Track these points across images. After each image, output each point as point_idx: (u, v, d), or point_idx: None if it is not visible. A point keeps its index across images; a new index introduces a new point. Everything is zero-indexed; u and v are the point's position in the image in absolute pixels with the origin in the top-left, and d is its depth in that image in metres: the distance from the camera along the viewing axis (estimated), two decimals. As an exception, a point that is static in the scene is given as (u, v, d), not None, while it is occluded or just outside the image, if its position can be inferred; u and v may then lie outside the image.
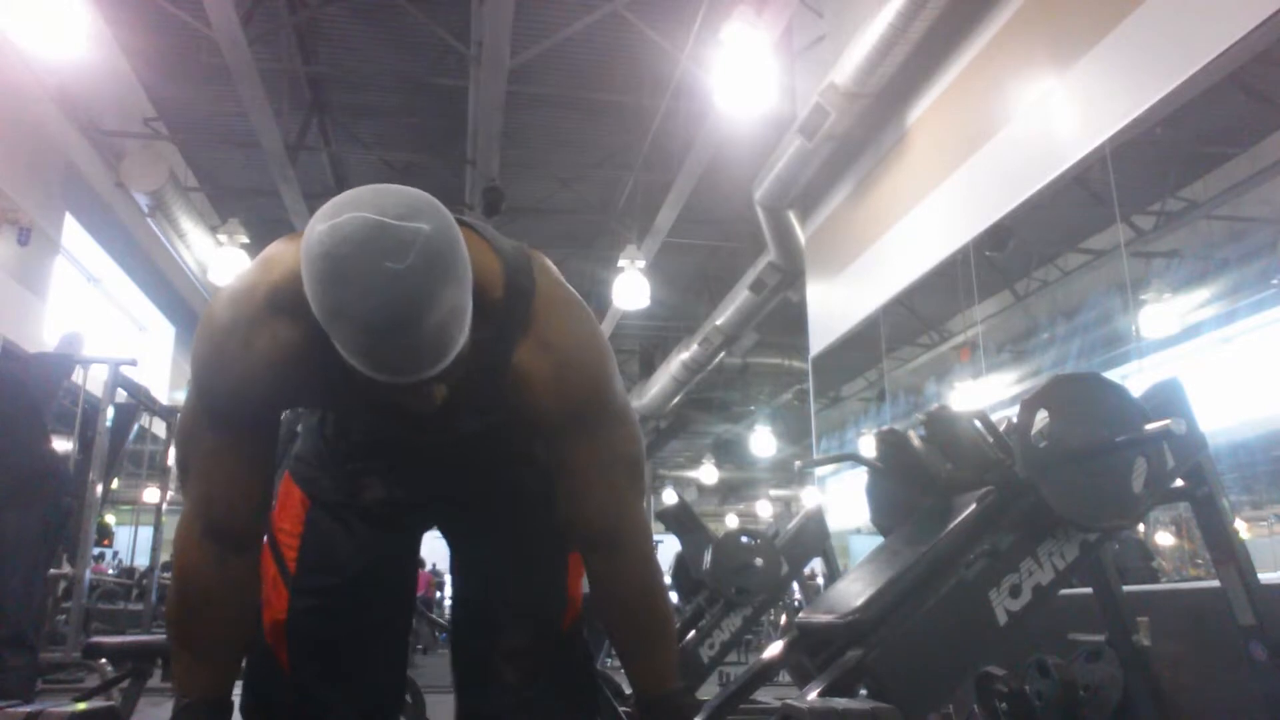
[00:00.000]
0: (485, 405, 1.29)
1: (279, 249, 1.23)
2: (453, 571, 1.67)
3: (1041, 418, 1.69)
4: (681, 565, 4.28)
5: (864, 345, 6.73)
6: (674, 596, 4.36)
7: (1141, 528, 6.99)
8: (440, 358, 1.04)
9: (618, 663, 1.53)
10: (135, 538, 7.59)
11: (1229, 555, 1.90)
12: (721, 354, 10.14)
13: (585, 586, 1.48)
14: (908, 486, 2.06)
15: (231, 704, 1.29)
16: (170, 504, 7.90)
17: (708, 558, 3.88)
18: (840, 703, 1.40)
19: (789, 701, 1.43)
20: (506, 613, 1.55)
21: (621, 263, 8.17)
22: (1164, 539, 9.06)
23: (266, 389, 1.20)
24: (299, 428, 1.60)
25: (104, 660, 4.48)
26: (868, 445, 3.42)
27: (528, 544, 1.53)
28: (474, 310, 1.11)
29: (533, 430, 1.32)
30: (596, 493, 1.30)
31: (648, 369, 12.65)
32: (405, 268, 0.97)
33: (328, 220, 0.99)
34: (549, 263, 1.33)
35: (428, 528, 1.62)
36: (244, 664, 1.44)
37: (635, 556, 1.34)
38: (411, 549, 1.62)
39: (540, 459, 1.39)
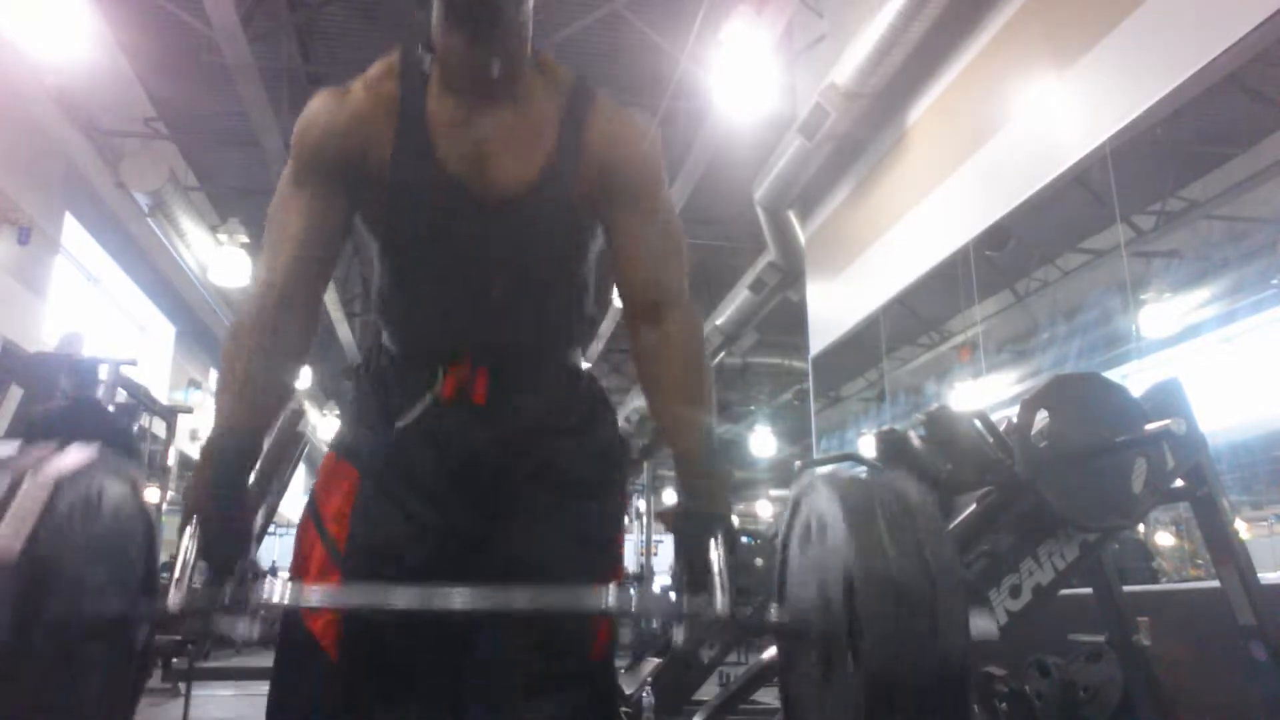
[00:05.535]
0: (552, 176, 1.36)
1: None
2: None
3: (1041, 418, 1.69)
4: (681, 565, 4.27)
5: (864, 345, 6.74)
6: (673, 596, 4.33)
7: (1141, 528, 6.99)
8: None
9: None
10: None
11: (1229, 555, 1.90)
12: (721, 354, 10.13)
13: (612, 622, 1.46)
14: (908, 486, 2.06)
15: (259, 446, 1.31)
16: (170, 504, 7.90)
17: (708, 558, 3.87)
18: None
19: None
20: (529, 636, 1.43)
21: (622, 263, 8.16)
22: (1164, 539, 9.06)
23: (345, 138, 1.32)
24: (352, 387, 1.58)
25: (104, 660, 4.48)
26: (868, 445, 3.42)
27: (560, 566, 1.43)
28: (545, 81, 1.35)
29: (591, 205, 1.41)
30: (649, 254, 1.41)
31: (648, 369, 12.61)
32: None
33: None
34: None
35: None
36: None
37: (684, 324, 1.41)
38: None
39: (593, 485, 1.45)
